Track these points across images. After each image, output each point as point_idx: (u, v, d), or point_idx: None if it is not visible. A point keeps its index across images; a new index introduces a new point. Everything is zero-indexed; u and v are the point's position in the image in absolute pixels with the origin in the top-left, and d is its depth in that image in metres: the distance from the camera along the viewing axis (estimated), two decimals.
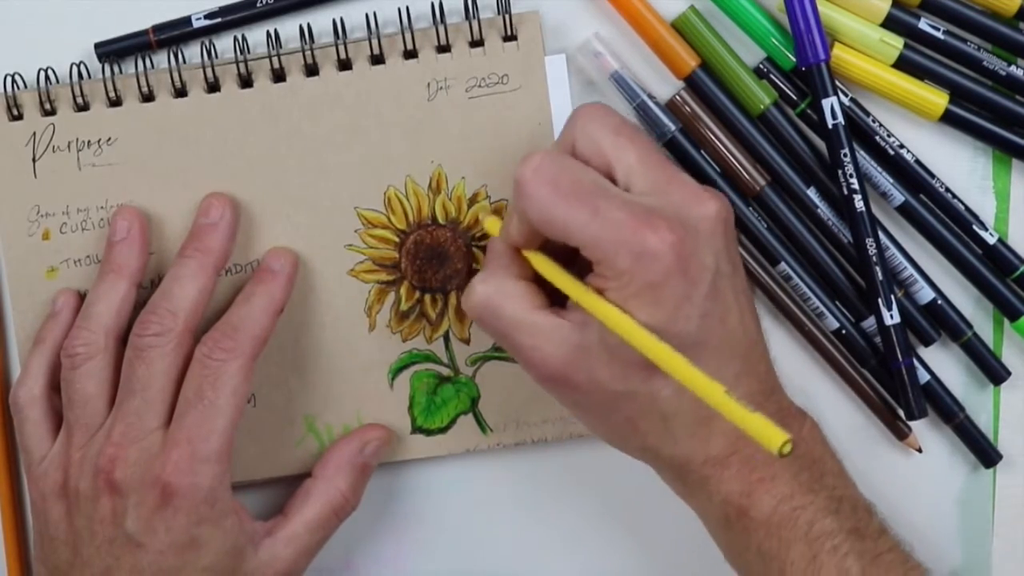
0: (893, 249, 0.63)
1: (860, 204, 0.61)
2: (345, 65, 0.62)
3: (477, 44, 0.62)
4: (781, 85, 0.62)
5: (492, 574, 0.66)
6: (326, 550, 0.62)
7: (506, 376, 0.63)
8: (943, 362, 0.65)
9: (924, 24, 0.62)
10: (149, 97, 0.62)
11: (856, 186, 0.61)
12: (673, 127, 0.62)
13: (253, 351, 0.59)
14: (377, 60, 0.62)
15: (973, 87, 0.62)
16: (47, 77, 0.62)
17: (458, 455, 0.64)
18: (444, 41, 0.62)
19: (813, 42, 0.60)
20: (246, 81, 0.62)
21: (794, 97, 0.62)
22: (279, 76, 0.62)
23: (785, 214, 0.63)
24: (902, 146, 0.63)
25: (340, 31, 0.62)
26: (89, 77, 0.62)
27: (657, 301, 0.53)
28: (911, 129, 0.63)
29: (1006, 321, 0.64)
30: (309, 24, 0.62)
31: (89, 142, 0.62)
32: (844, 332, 0.63)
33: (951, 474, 0.65)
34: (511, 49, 0.62)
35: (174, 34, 0.63)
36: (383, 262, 0.63)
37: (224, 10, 0.63)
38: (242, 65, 0.62)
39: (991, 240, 0.63)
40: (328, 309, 0.63)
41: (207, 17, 0.63)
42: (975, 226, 0.63)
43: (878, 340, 0.63)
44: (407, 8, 0.62)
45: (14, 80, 0.62)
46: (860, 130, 0.62)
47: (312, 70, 0.62)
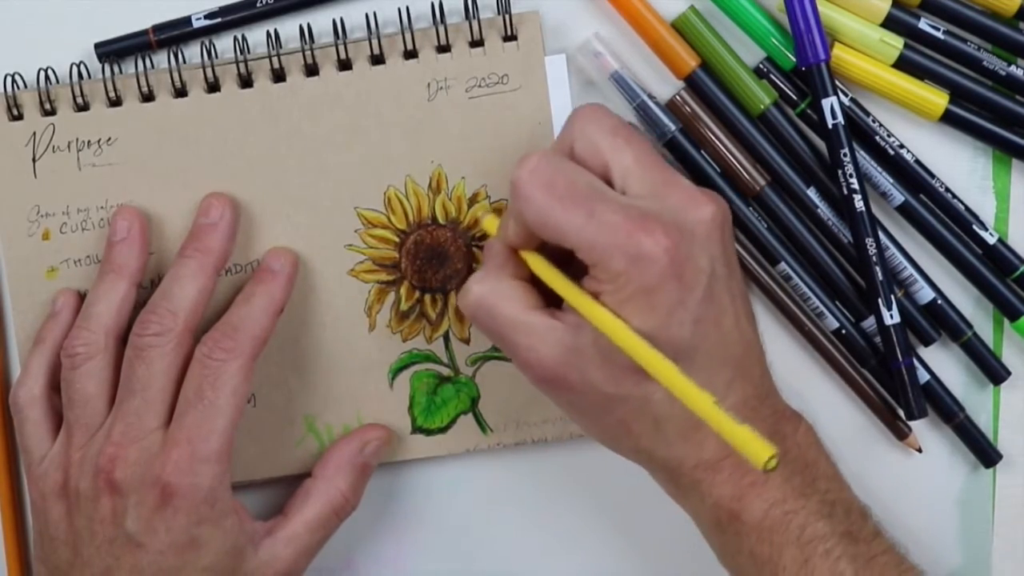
0: (893, 249, 0.63)
1: (860, 204, 0.61)
2: (345, 65, 0.62)
3: (477, 44, 0.62)
4: (781, 85, 0.62)
5: (492, 574, 0.66)
6: (326, 550, 0.62)
7: (506, 376, 0.63)
8: (943, 362, 0.65)
9: (924, 24, 0.62)
10: (149, 97, 0.62)
11: (856, 186, 0.61)
12: (673, 127, 0.62)
13: (253, 351, 0.59)
14: (377, 60, 0.62)
15: (973, 87, 0.62)
16: (47, 77, 0.62)
17: (458, 455, 0.64)
18: (444, 41, 0.62)
19: (813, 42, 0.60)
20: (246, 81, 0.62)
21: (794, 97, 0.62)
22: (279, 76, 0.62)
23: (785, 214, 0.63)
24: (902, 146, 0.63)
25: (340, 31, 0.62)
26: (89, 77, 0.62)
27: (651, 306, 0.53)
28: (911, 129, 0.63)
29: (1006, 321, 0.64)
30: (309, 24, 0.62)
31: (89, 142, 0.62)
32: (844, 332, 0.63)
33: (951, 474, 0.65)
34: (511, 49, 0.62)
35: (174, 34, 0.63)
36: (383, 262, 0.63)
37: (224, 10, 0.63)
38: (242, 65, 0.62)
39: (991, 240, 0.63)
40: (328, 309, 0.63)
41: (207, 17, 0.63)
42: (975, 226, 0.63)
43: (878, 340, 0.63)
44: (407, 8, 0.62)
45: (14, 80, 0.62)
46: (860, 130, 0.62)
47: (312, 70, 0.62)
